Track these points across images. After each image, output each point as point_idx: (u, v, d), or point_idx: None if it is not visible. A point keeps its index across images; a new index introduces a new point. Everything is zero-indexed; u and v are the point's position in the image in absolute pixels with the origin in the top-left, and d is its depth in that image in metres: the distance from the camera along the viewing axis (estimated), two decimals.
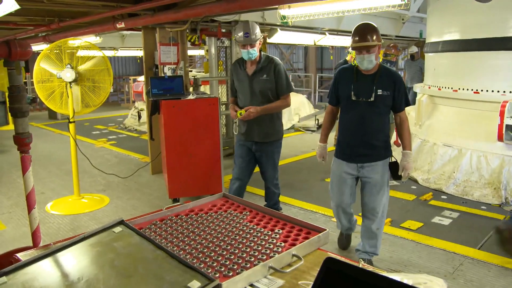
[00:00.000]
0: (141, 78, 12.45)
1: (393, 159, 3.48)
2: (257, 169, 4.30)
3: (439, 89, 6.40)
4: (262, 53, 4.01)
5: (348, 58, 7.85)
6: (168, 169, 4.91)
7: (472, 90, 5.81)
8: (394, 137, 6.29)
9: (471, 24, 5.80)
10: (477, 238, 4.19)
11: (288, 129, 10.66)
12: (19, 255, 1.57)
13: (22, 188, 2.67)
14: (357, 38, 3.19)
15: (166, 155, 4.97)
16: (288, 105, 4.13)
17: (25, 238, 4.33)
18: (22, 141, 2.51)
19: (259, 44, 3.90)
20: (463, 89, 5.93)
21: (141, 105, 11.17)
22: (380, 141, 3.39)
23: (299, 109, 11.48)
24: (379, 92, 3.21)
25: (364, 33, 3.18)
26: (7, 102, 10.76)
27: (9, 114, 10.54)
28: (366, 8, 4.06)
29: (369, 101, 3.24)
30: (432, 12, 6.97)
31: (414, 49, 11.97)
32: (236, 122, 4.03)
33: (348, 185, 3.51)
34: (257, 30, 3.84)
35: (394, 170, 3.46)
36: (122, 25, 5.99)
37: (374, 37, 3.16)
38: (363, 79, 3.30)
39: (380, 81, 3.24)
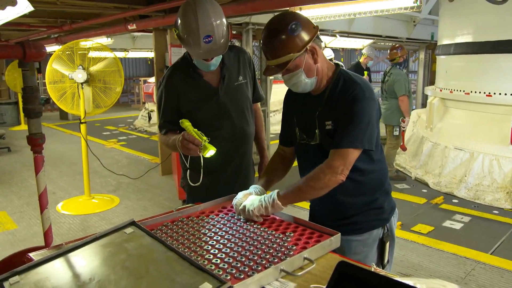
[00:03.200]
0: (152, 80, 12.53)
1: None
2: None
3: (451, 91, 6.35)
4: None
5: (361, 59, 7.81)
6: (178, 170, 4.93)
7: (484, 93, 5.75)
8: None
9: (484, 26, 5.74)
10: (489, 243, 4.14)
11: None
12: (31, 254, 1.57)
13: (33, 188, 2.70)
14: (264, 51, 1.82)
15: (176, 156, 4.99)
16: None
17: (36, 237, 4.37)
18: (35, 142, 2.53)
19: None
20: (476, 92, 5.87)
21: (151, 106, 11.24)
22: None
23: None
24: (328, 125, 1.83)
25: (269, 42, 1.76)
26: (20, 103, 10.91)
27: (21, 114, 10.70)
28: (378, 10, 4.04)
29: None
30: (444, 14, 6.92)
31: None
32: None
33: None
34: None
35: None
36: (134, 26, 6.03)
37: (292, 46, 1.72)
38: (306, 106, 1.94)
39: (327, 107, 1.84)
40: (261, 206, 1.79)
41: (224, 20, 2.05)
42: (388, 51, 6.48)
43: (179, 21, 2.07)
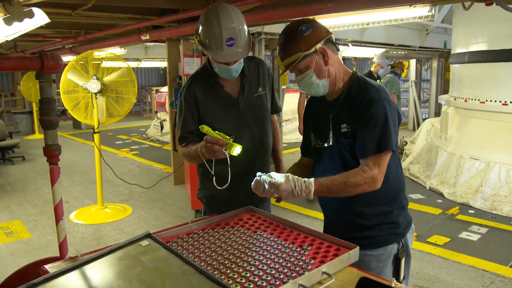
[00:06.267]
0: (164, 89, 12.62)
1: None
2: None
3: (466, 100, 6.28)
4: None
5: (372, 68, 7.79)
6: (191, 180, 4.92)
7: (500, 101, 5.67)
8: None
9: (499, 34, 5.68)
10: (508, 255, 4.05)
11: None
12: (47, 266, 1.57)
13: (47, 197, 2.71)
14: (278, 53, 1.91)
15: (189, 166, 4.99)
16: None
17: (50, 246, 4.39)
18: (51, 153, 2.54)
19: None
20: (491, 100, 5.80)
21: (164, 115, 11.30)
22: None
23: None
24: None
25: (282, 43, 1.86)
26: (34, 112, 11.00)
27: (35, 123, 10.80)
28: (392, 19, 4.02)
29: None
30: (457, 22, 6.87)
31: None
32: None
33: None
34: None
35: None
36: (147, 37, 6.07)
37: (301, 45, 1.80)
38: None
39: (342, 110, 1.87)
40: (291, 184, 1.67)
41: (245, 25, 2.07)
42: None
43: (201, 27, 2.07)
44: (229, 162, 1.93)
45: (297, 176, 1.72)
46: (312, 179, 1.73)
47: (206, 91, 2.22)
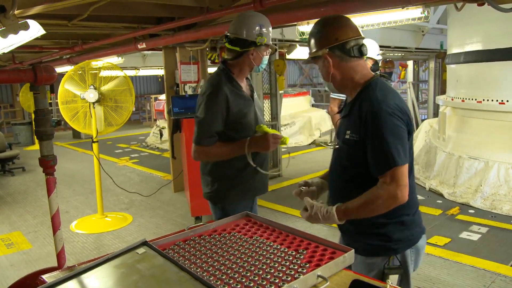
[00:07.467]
0: (162, 97, 12.65)
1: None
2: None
3: (463, 100, 6.29)
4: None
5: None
6: (190, 187, 4.93)
7: (497, 100, 5.68)
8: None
9: (494, 34, 5.70)
10: (509, 254, 4.05)
11: (309, 144, 10.62)
12: (44, 276, 1.58)
13: (48, 207, 2.71)
14: None
15: (188, 173, 5.00)
16: None
17: (50, 257, 4.39)
18: (47, 164, 2.55)
19: None
20: (488, 100, 5.81)
21: (163, 123, 11.32)
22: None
23: (320, 124, 11.44)
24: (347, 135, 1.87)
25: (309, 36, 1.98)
26: (33, 123, 11.05)
27: (35, 135, 10.82)
28: (386, 22, 4.04)
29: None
30: (452, 23, 6.90)
31: None
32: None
33: None
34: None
35: None
36: (144, 45, 6.11)
37: (311, 46, 1.94)
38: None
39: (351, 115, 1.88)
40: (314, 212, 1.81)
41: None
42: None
43: (243, 23, 2.41)
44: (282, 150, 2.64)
45: (320, 205, 1.82)
46: (334, 207, 1.78)
47: (233, 91, 2.43)
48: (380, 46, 9.16)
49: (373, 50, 7.56)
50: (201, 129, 2.39)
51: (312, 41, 1.91)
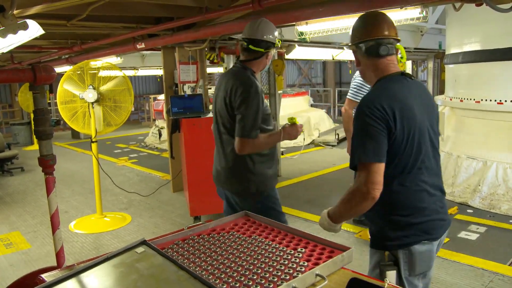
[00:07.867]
0: (161, 97, 12.63)
1: None
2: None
3: (461, 100, 6.30)
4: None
5: None
6: (189, 187, 4.93)
7: (495, 100, 5.69)
8: None
9: (492, 34, 5.70)
10: (507, 253, 4.06)
11: (308, 144, 10.63)
12: (43, 276, 1.58)
13: (47, 207, 2.71)
14: None
15: (187, 173, 5.00)
16: None
17: (50, 256, 4.39)
18: (46, 163, 2.56)
19: None
20: (486, 100, 5.81)
21: (162, 123, 11.31)
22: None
23: (319, 124, 11.44)
24: None
25: None
26: (32, 123, 11.03)
27: (34, 135, 10.82)
28: None
29: None
30: (451, 23, 6.90)
31: None
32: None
33: None
34: None
35: None
36: (142, 45, 6.11)
37: (351, 35, 2.07)
38: None
39: None
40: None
41: None
42: None
43: (267, 28, 2.71)
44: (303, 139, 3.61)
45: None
46: (326, 209, 1.97)
47: (259, 86, 2.66)
48: None
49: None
50: (250, 122, 2.54)
51: (354, 33, 2.02)
